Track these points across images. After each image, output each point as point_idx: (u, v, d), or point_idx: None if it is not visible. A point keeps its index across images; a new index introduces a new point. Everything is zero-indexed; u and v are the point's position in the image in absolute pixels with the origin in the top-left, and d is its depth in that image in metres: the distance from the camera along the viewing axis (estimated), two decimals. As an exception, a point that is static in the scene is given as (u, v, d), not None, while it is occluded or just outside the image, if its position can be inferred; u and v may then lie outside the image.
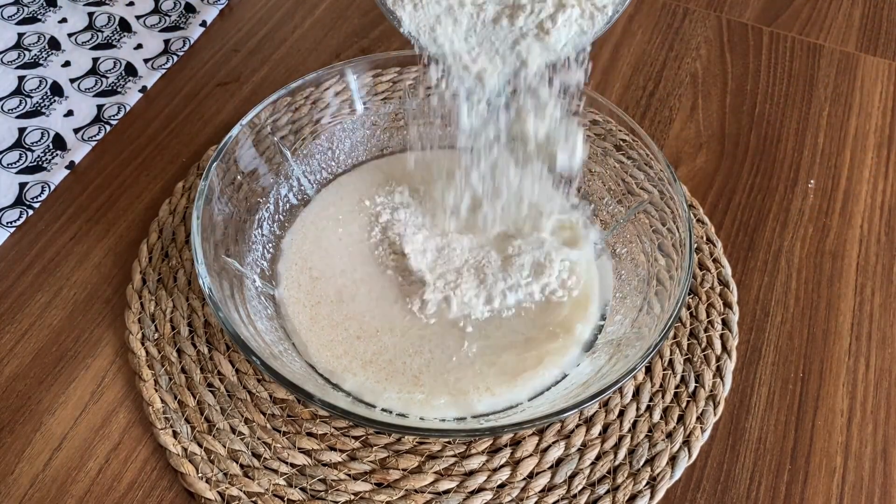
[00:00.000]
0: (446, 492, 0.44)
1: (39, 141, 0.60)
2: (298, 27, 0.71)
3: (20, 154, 0.59)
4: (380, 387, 0.46)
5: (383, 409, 0.45)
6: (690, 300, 0.52)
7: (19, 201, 0.56)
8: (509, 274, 0.51)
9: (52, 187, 0.57)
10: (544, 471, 0.45)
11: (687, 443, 0.46)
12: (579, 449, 0.45)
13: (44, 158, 0.59)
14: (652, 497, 0.44)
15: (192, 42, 0.69)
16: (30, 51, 0.67)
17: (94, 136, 0.61)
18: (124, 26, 0.70)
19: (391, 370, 0.47)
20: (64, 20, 0.70)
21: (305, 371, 0.46)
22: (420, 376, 0.46)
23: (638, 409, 0.47)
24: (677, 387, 0.48)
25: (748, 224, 0.58)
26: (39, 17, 0.70)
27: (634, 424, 0.46)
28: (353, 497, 0.43)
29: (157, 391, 0.46)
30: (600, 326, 0.49)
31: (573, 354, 0.48)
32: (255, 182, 0.52)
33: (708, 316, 0.51)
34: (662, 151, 0.51)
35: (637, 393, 0.47)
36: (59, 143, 0.60)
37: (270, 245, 0.52)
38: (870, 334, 0.52)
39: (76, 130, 0.61)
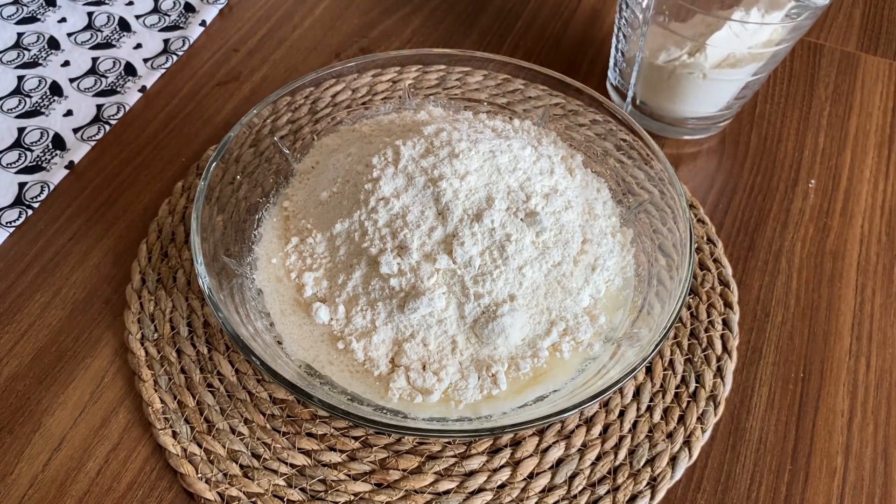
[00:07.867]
0: (446, 492, 0.43)
1: (39, 141, 0.60)
2: (298, 27, 0.71)
3: (19, 154, 0.59)
4: (344, 382, 0.44)
5: (382, 408, 0.45)
6: (691, 300, 0.52)
7: (18, 201, 0.56)
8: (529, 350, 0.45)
9: (52, 187, 0.57)
10: (544, 471, 0.44)
11: (687, 443, 0.46)
12: (580, 449, 0.45)
13: (43, 158, 0.59)
14: (652, 497, 0.44)
15: (191, 42, 0.69)
16: (29, 50, 0.67)
17: (94, 135, 0.60)
18: (124, 26, 0.70)
19: (354, 370, 0.45)
20: (63, 20, 0.70)
21: (304, 371, 0.46)
22: (388, 392, 0.44)
23: (638, 409, 0.47)
24: (678, 387, 0.48)
25: (749, 224, 0.58)
26: (39, 16, 0.70)
27: (635, 425, 0.46)
28: (352, 497, 0.43)
29: (156, 391, 0.46)
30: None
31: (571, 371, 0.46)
32: (255, 182, 0.52)
33: (708, 316, 0.51)
34: (662, 151, 0.51)
35: (637, 393, 0.47)
36: (58, 142, 0.60)
37: (270, 245, 0.52)
38: (870, 334, 0.52)
39: (75, 130, 0.61)
